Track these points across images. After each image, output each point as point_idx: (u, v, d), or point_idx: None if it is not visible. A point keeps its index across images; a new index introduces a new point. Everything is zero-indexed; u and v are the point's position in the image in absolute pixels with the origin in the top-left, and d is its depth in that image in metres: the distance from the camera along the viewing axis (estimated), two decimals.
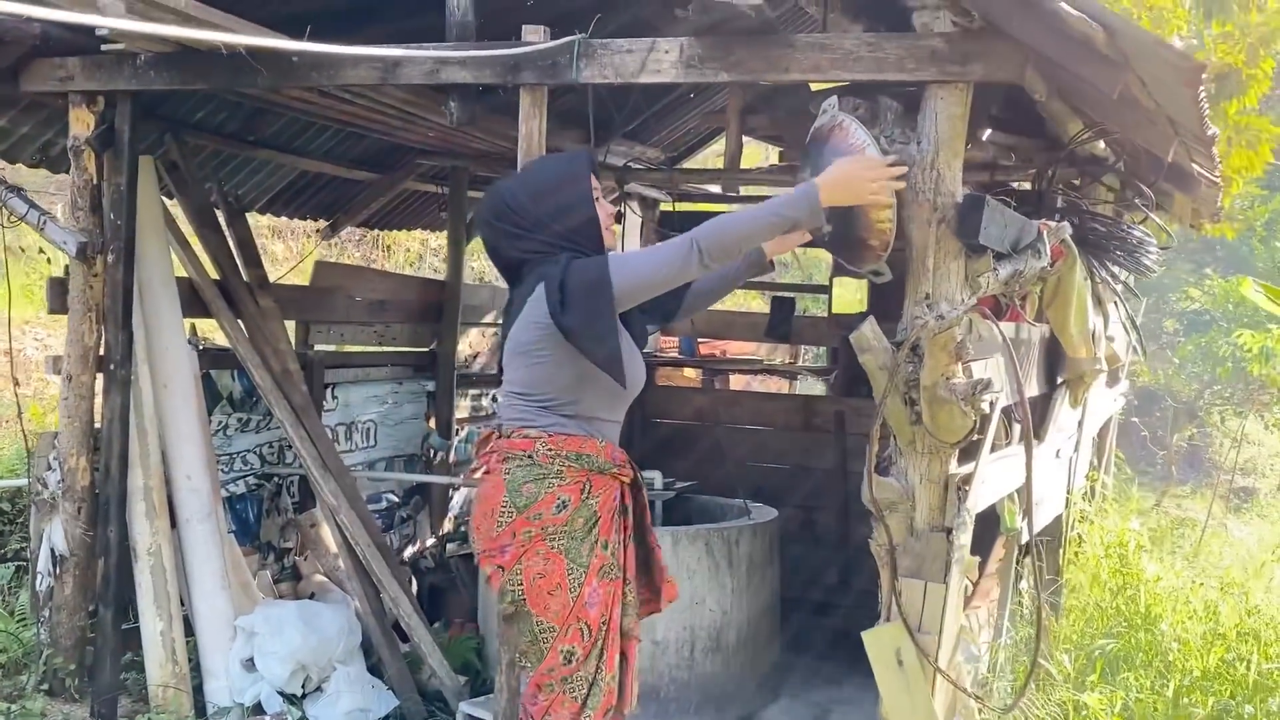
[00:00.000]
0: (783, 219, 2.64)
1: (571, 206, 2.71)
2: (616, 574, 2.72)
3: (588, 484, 2.68)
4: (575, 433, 2.68)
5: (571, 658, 2.67)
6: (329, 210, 6.03)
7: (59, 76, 3.93)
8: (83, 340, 4.09)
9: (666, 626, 4.49)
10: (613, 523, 2.72)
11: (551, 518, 2.64)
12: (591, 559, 2.66)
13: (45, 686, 4.12)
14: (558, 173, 2.79)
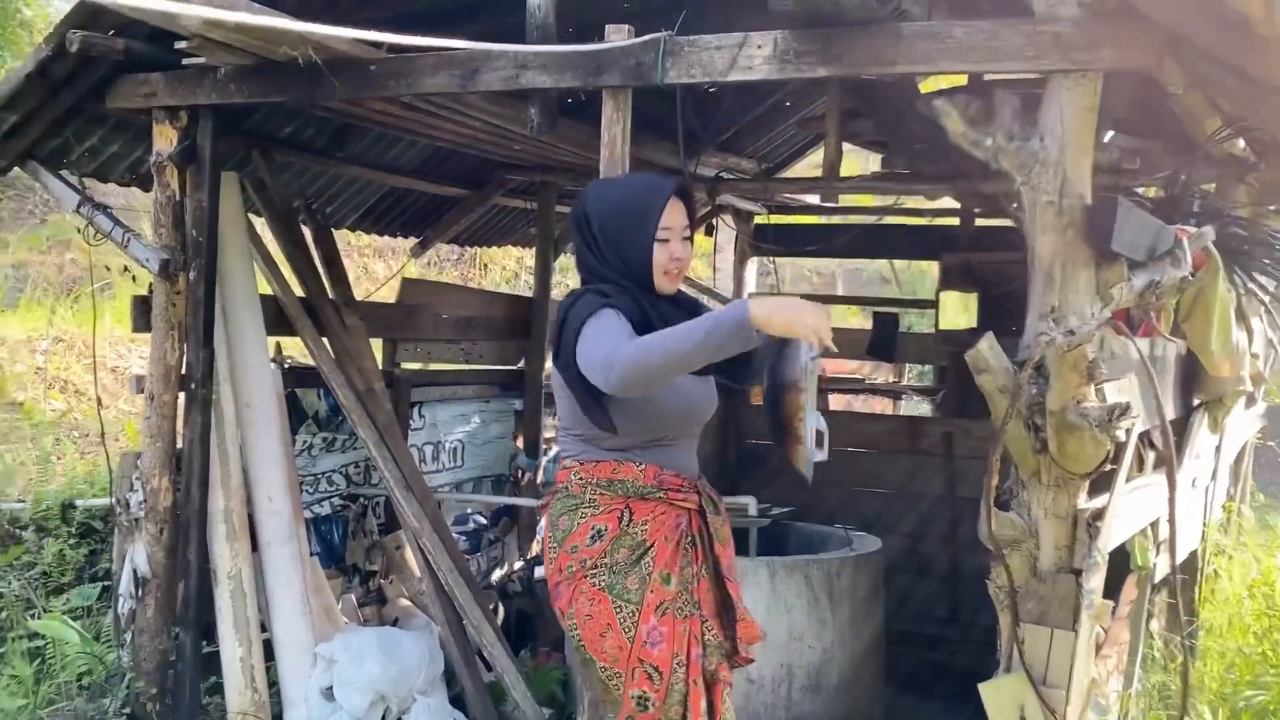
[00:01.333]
0: (708, 336, 2.25)
1: (630, 236, 2.49)
2: (690, 611, 2.50)
3: (627, 511, 2.49)
4: (607, 458, 2.50)
5: (646, 703, 2.45)
6: (418, 227, 5.95)
7: (143, 93, 3.89)
8: (165, 359, 4.03)
9: (762, 663, 4.21)
10: (679, 554, 2.51)
11: (586, 549, 2.48)
12: (645, 594, 2.46)
13: (127, 710, 4.06)
14: (631, 195, 2.56)
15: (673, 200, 2.51)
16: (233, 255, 4.22)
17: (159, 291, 4.02)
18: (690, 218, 2.55)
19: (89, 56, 3.79)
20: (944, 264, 6.63)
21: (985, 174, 4.50)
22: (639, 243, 2.48)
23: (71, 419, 7.12)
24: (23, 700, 3.86)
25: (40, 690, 3.96)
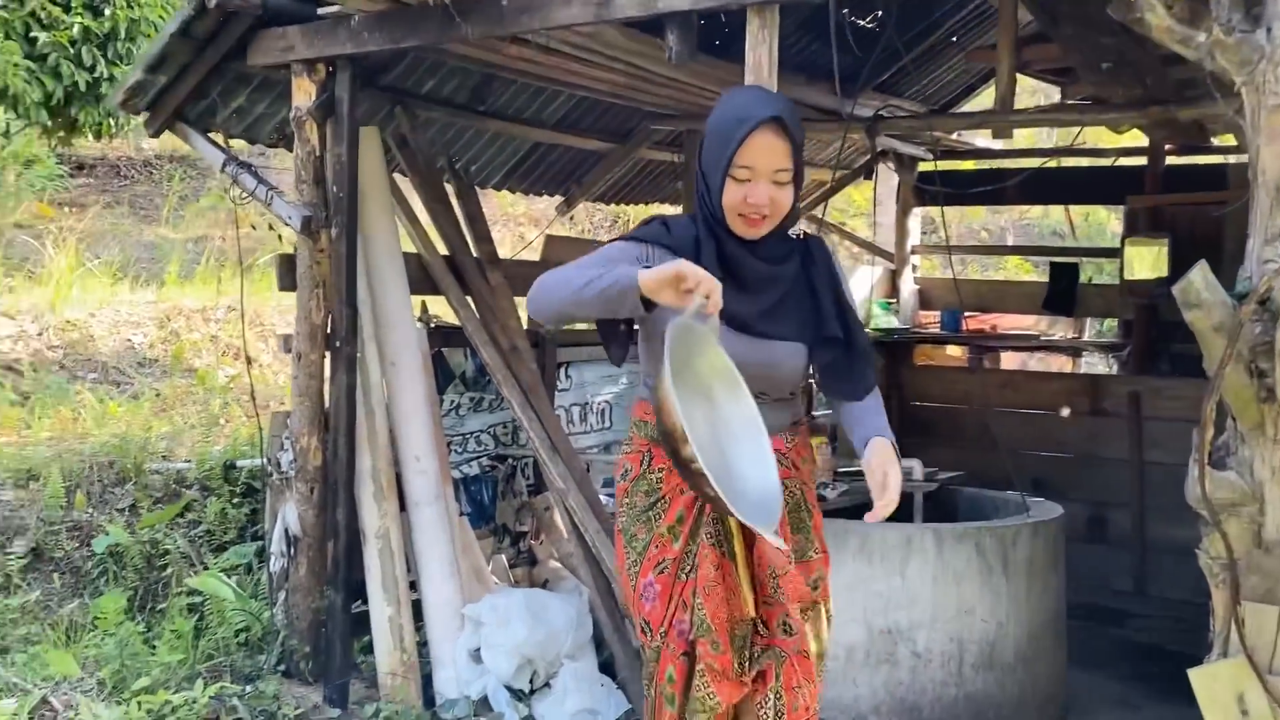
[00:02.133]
0: (602, 290, 2.01)
1: (711, 167, 2.17)
2: (686, 575, 2.27)
3: (647, 454, 2.32)
4: (644, 397, 2.33)
5: (645, 658, 2.36)
6: (563, 184, 5.80)
7: (281, 47, 3.85)
8: (310, 317, 4.01)
9: (930, 637, 3.92)
10: (693, 515, 2.26)
11: (619, 484, 2.39)
12: (649, 547, 2.30)
13: (282, 667, 4.10)
14: (724, 117, 2.18)
15: (765, 134, 2.10)
16: (375, 212, 4.16)
17: (302, 249, 3.99)
18: (795, 157, 2.15)
19: (229, 13, 3.77)
20: (1130, 208, 6.08)
21: (1182, 97, 4.04)
22: (712, 173, 2.17)
23: (241, 383, 7.35)
24: (182, 655, 3.93)
25: (199, 645, 4.03)
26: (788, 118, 2.14)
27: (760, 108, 2.14)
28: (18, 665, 3.83)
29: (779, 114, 2.12)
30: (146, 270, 9.76)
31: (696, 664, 2.30)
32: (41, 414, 6.14)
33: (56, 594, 4.28)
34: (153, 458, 5.12)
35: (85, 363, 7.55)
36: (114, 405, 6.35)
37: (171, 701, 3.60)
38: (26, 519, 4.48)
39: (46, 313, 7.87)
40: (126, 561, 4.43)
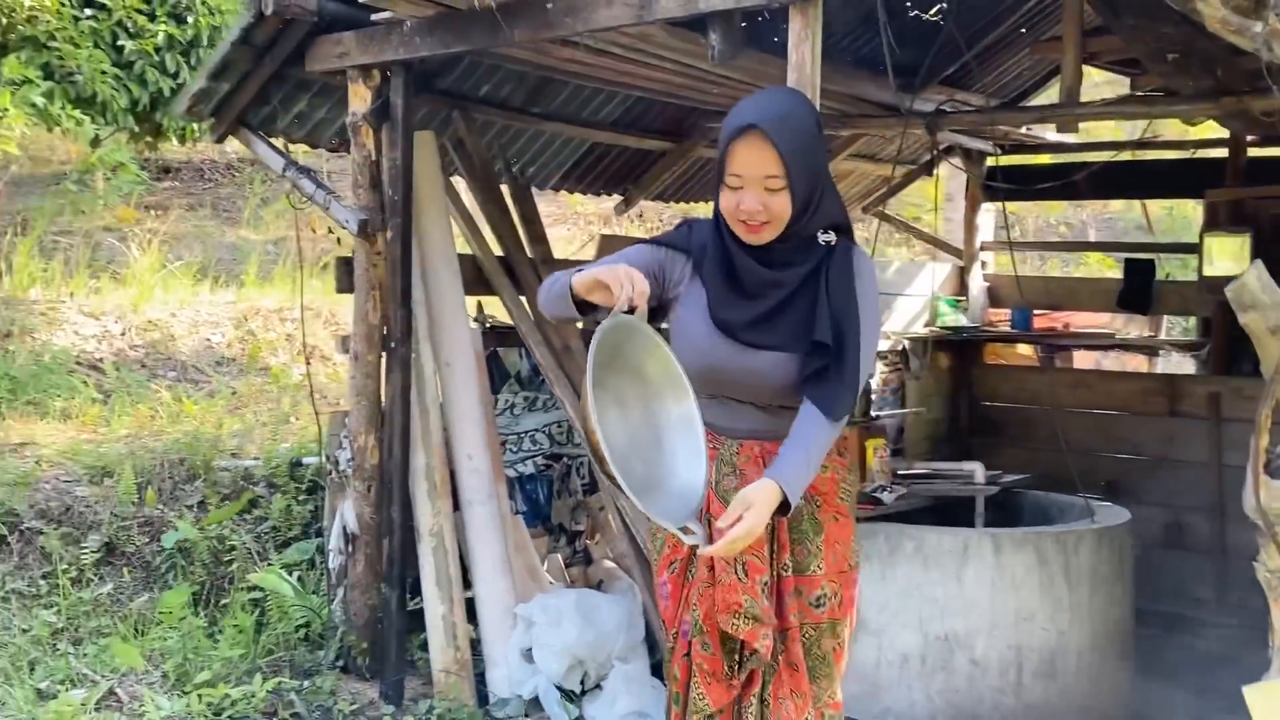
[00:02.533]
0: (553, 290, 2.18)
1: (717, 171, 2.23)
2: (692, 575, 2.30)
3: None
4: None
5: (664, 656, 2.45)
6: (621, 184, 5.80)
7: (337, 53, 3.91)
8: (367, 318, 4.07)
9: (988, 644, 3.83)
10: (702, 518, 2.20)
11: None
12: (664, 547, 2.37)
13: (340, 663, 4.17)
14: (723, 124, 2.21)
15: (750, 141, 2.10)
16: (430, 214, 4.21)
17: (359, 252, 4.06)
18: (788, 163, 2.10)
19: (287, 20, 3.84)
20: (1209, 201, 5.86)
21: (1255, 87, 3.87)
22: (715, 183, 2.20)
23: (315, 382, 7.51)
24: (243, 649, 4.03)
25: (260, 640, 4.12)
26: (770, 125, 2.09)
27: (745, 116, 2.12)
28: (88, 657, 3.97)
29: (757, 122, 2.09)
30: (227, 271, 10.03)
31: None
32: (120, 411, 6.35)
33: (127, 588, 4.42)
34: (222, 455, 5.26)
35: (165, 361, 7.78)
36: (189, 403, 6.53)
37: (231, 695, 3.70)
38: (100, 514, 4.64)
39: (129, 313, 8.13)
40: (194, 557, 4.55)
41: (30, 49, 9.14)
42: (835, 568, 2.32)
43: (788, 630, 2.28)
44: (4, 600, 4.18)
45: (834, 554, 2.32)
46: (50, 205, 9.73)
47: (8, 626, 4.06)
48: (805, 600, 2.30)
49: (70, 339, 7.50)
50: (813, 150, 2.17)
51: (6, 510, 4.48)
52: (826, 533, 2.32)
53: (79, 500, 4.68)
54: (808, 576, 2.30)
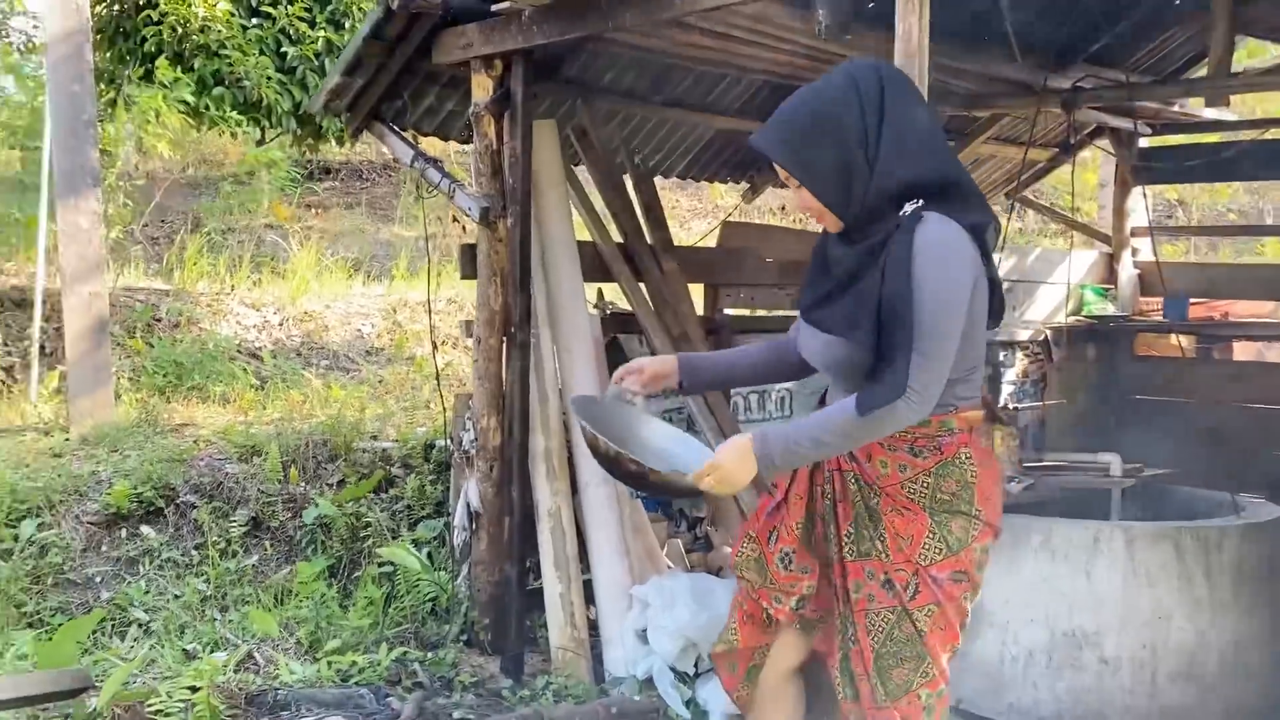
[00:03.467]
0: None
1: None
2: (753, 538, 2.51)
3: None
4: None
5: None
6: (746, 171, 5.77)
7: (461, 44, 4.03)
8: (489, 304, 4.18)
9: (1119, 642, 3.65)
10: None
11: None
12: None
13: (464, 637, 4.31)
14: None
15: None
16: (550, 202, 4.29)
17: (481, 239, 4.17)
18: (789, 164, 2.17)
19: (415, 15, 3.99)
20: None
21: None
22: None
23: (451, 370, 7.77)
24: (372, 620, 4.20)
25: (389, 612, 4.29)
26: (762, 142, 2.19)
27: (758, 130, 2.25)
28: (232, 623, 4.22)
29: (752, 143, 2.23)
30: (379, 266, 10.47)
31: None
32: (275, 396, 6.72)
33: (270, 560, 4.68)
34: (362, 437, 5.49)
35: (318, 350, 8.19)
36: (337, 389, 6.85)
37: (358, 662, 3.87)
38: (249, 490, 4.92)
39: (288, 304, 8.59)
40: (332, 532, 4.78)
41: (203, 57, 9.76)
42: (903, 558, 2.28)
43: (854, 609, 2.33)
44: (160, 568, 4.49)
45: (898, 546, 2.28)
46: (219, 205, 10.35)
47: (163, 592, 4.36)
48: (877, 581, 2.30)
49: (233, 329, 7.98)
50: (818, 136, 2.13)
51: (164, 485, 4.80)
52: (888, 524, 2.29)
53: (229, 477, 4.97)
54: (872, 560, 2.31)
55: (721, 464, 2.18)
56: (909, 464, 2.27)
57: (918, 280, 2.07)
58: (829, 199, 2.15)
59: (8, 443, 5.31)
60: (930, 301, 2.07)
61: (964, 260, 2.11)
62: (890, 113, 2.11)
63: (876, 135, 2.10)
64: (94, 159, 5.83)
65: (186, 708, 3.23)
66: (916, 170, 2.12)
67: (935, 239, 2.09)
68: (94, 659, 3.78)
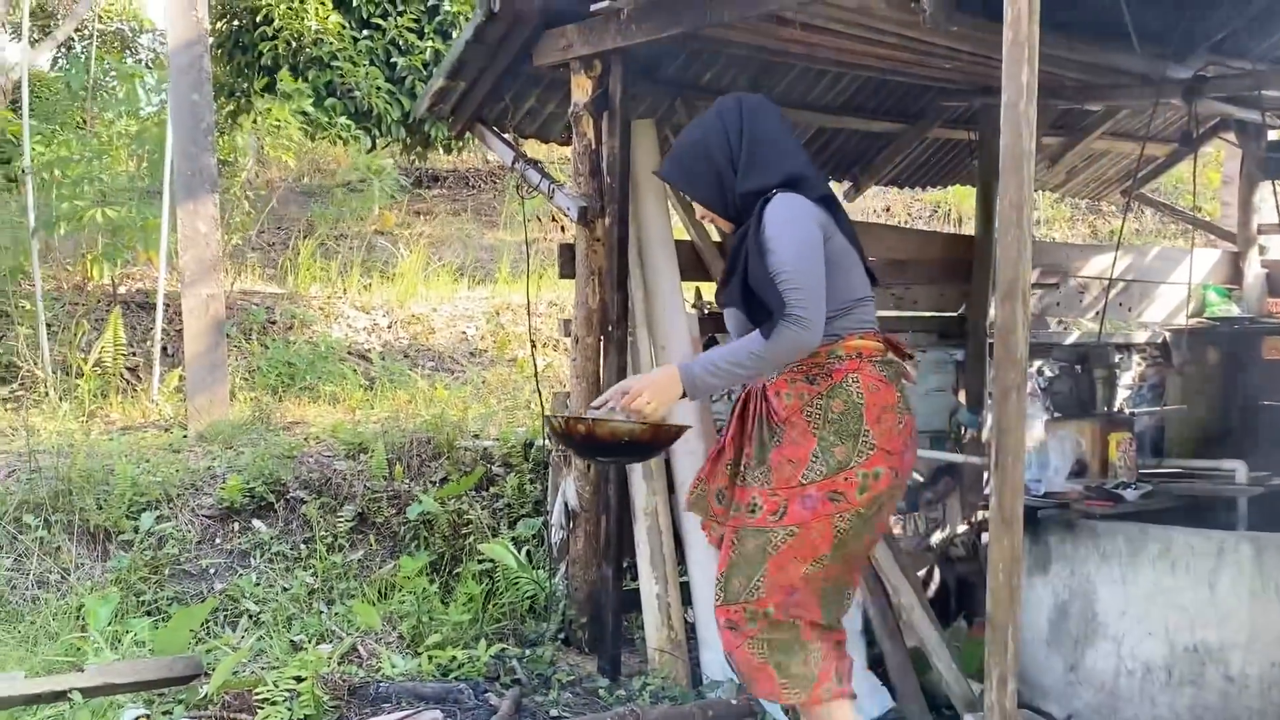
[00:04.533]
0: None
1: None
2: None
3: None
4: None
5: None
6: (850, 169, 5.67)
7: (561, 45, 4.06)
8: (587, 303, 4.19)
9: (1246, 659, 3.46)
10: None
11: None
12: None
13: (562, 635, 4.32)
14: None
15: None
16: (648, 201, 4.28)
17: (580, 238, 4.19)
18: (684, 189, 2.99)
19: (516, 18, 4.03)
20: None
21: None
22: None
23: (553, 371, 7.84)
24: (472, 616, 4.25)
25: (488, 609, 4.34)
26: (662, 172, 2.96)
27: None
28: (337, 615, 4.32)
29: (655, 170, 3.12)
30: (483, 270, 10.64)
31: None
32: (382, 396, 6.87)
33: (375, 554, 4.78)
34: (464, 436, 5.57)
35: (425, 352, 8.36)
36: (441, 389, 6.97)
37: (458, 657, 3.92)
38: (355, 487, 5.03)
39: (396, 308, 8.79)
40: (435, 528, 4.85)
41: (316, 69, 10.07)
42: (782, 483, 2.67)
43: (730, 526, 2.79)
44: (270, 561, 4.62)
45: (781, 472, 2.68)
46: (330, 212, 10.66)
47: (272, 584, 4.49)
48: (743, 505, 2.74)
49: (343, 331, 8.20)
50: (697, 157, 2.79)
51: (276, 480, 4.94)
52: (779, 450, 2.70)
53: (337, 474, 5.09)
54: (754, 488, 2.73)
55: (654, 379, 2.67)
56: (806, 391, 2.71)
57: (768, 235, 2.61)
58: (710, 203, 2.81)
59: (130, 439, 5.54)
60: (785, 245, 2.58)
61: (805, 214, 2.65)
62: (748, 133, 2.74)
63: (738, 151, 2.72)
64: (211, 165, 6.05)
65: (292, 697, 3.31)
66: (766, 175, 2.71)
67: (778, 206, 2.65)
68: (206, 647, 3.91)
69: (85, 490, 4.57)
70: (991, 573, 2.94)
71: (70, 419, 5.93)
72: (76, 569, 4.32)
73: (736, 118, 2.77)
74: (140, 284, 7.90)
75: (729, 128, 2.75)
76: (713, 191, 2.77)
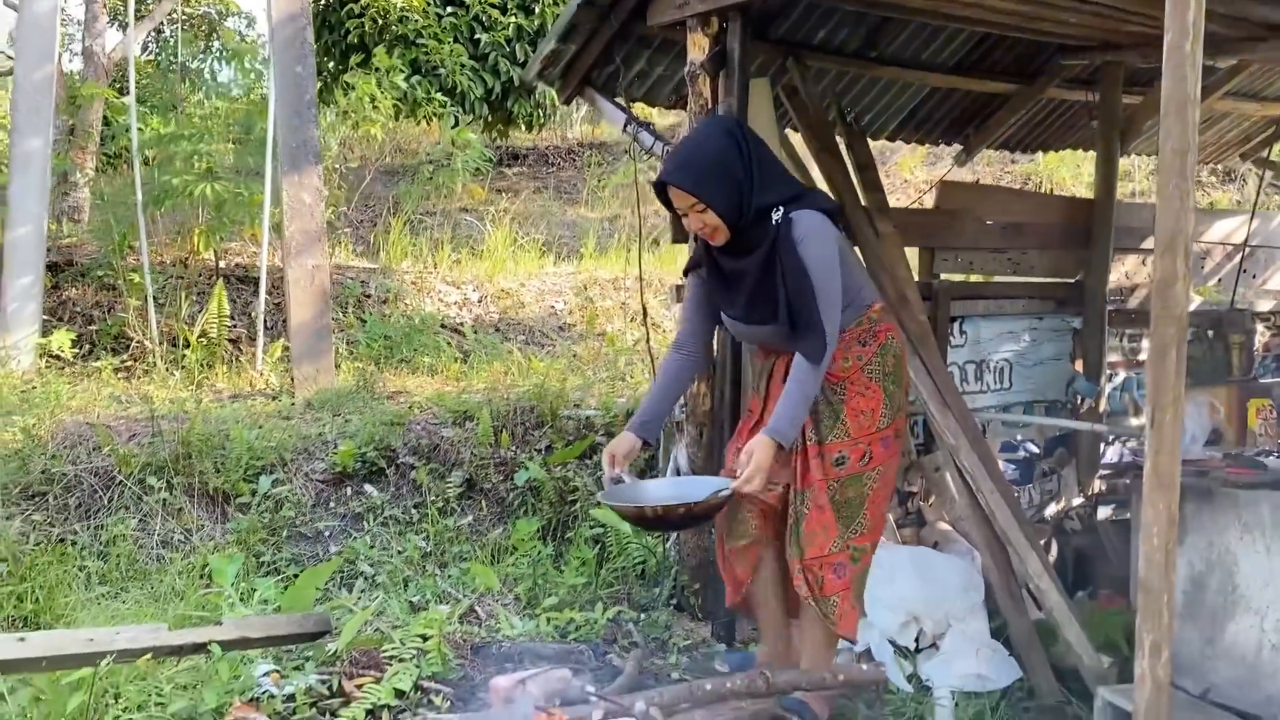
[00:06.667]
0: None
1: None
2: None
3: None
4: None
5: None
6: (961, 131, 5.52)
7: (677, 4, 3.99)
8: None
9: None
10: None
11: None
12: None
13: (674, 601, 4.29)
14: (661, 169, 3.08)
15: (672, 190, 2.93)
16: None
17: None
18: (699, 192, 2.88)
19: None
20: None
21: None
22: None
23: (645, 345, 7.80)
24: (585, 579, 4.24)
25: (600, 573, 4.32)
26: (675, 176, 2.91)
27: (661, 174, 2.95)
28: (452, 577, 4.34)
29: (665, 179, 2.93)
30: (567, 246, 10.66)
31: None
32: (478, 368, 6.91)
33: (485, 519, 4.80)
34: (566, 406, 5.57)
35: (515, 326, 8.39)
36: (536, 361, 6.99)
37: (575, 620, 3.90)
38: (463, 454, 5.06)
39: (485, 283, 8.84)
40: (542, 495, 4.86)
41: (401, 46, 10.14)
42: (862, 432, 3.04)
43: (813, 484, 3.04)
44: (383, 525, 4.67)
45: (858, 422, 3.04)
46: (416, 190, 10.75)
47: (386, 547, 4.53)
48: (827, 462, 3.03)
49: (435, 305, 8.26)
50: (717, 169, 2.88)
51: (385, 446, 4.99)
52: (849, 405, 3.04)
53: (444, 440, 5.13)
54: (827, 444, 3.03)
55: (760, 464, 2.87)
56: (861, 353, 3.07)
57: (807, 262, 2.87)
58: (728, 213, 2.90)
59: (240, 406, 5.64)
60: (818, 277, 2.88)
61: (829, 237, 2.94)
62: (755, 152, 2.95)
63: (751, 166, 2.90)
64: (315, 138, 6.12)
65: (418, 654, 3.32)
66: (779, 189, 2.95)
67: (808, 227, 2.90)
68: (329, 605, 3.95)
69: (203, 454, 4.66)
70: (1145, 537, 2.83)
71: (180, 387, 6.05)
72: (198, 530, 4.40)
73: (742, 136, 2.98)
74: (239, 259, 8.04)
75: (740, 144, 2.94)
76: (732, 201, 2.89)
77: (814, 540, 3.07)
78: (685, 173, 2.91)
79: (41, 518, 4.32)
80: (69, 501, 4.43)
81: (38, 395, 5.58)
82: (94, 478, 4.52)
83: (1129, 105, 5.19)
